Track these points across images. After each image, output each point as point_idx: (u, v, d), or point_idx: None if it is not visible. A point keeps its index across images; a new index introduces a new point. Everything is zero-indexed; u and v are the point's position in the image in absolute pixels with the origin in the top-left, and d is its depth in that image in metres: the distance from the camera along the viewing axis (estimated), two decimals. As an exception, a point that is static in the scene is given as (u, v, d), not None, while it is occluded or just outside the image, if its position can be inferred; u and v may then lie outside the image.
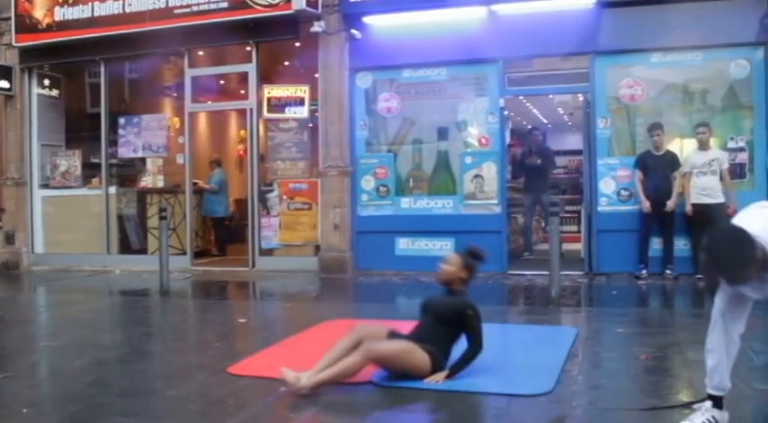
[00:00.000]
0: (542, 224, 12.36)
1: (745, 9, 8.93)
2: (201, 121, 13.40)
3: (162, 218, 9.11)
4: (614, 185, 9.37)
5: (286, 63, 11.80)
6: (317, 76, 10.52)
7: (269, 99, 10.74)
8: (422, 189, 10.33)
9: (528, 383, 4.46)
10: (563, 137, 17.75)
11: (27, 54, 11.98)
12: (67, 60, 12.04)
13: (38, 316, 8.33)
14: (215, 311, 8.07)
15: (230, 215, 13.21)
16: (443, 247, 9.91)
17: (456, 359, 4.58)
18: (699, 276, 8.62)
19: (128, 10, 10.94)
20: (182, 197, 11.62)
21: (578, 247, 10.71)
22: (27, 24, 11.65)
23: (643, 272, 8.97)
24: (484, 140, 10.02)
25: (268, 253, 10.91)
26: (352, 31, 10.19)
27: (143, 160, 11.87)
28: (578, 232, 11.08)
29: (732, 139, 9.12)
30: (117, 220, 11.89)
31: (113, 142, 11.94)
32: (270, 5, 10.08)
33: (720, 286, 3.40)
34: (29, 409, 4.27)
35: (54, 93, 12.65)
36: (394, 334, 4.68)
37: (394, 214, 10.24)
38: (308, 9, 9.86)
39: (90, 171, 12.30)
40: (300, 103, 10.69)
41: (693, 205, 8.78)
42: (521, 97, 11.74)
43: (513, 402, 4.13)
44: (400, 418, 4.03)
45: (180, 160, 11.51)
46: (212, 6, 10.41)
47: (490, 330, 5.63)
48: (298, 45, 10.85)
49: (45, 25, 11.53)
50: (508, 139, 11.30)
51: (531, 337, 6.05)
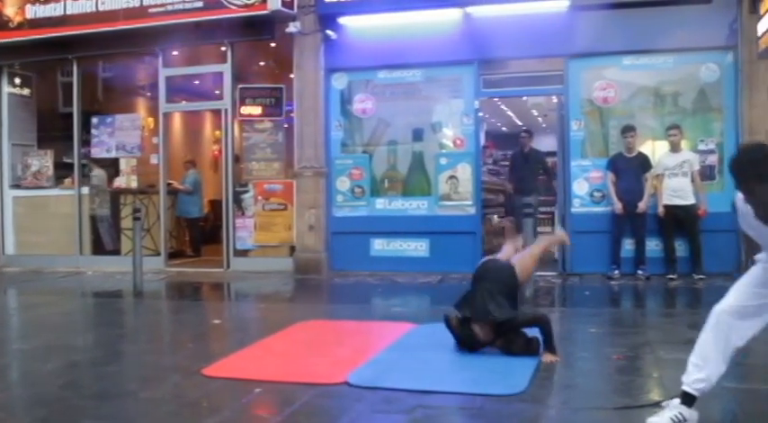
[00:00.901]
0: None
1: (716, 14, 9.08)
2: (176, 121, 13.33)
3: (136, 218, 9.04)
4: (587, 187, 9.47)
5: (261, 63, 11.77)
6: (292, 76, 10.51)
7: (244, 99, 10.70)
8: (397, 190, 10.36)
9: (502, 383, 4.49)
10: (537, 139, 17.83)
11: (-3, 52, 11.83)
12: (39, 59, 11.89)
13: (9, 318, 8.21)
14: (189, 313, 8.02)
15: (205, 216, 13.15)
16: (418, 248, 10.00)
17: (543, 341, 5.11)
18: (670, 277, 8.75)
19: (101, 8, 10.85)
20: (156, 198, 11.54)
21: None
22: (-2, 22, 11.52)
23: (615, 272, 9.06)
24: (459, 142, 10.07)
25: (243, 254, 10.86)
26: (328, 32, 10.20)
27: (116, 161, 11.77)
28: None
29: (702, 141, 9.25)
30: (90, 221, 11.76)
31: (86, 142, 11.82)
32: (245, 6, 10.05)
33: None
34: (-1, 413, 4.22)
35: (25, 91, 12.52)
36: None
37: (369, 215, 10.26)
38: (284, 9, 9.85)
39: (62, 171, 12.16)
40: (275, 103, 10.67)
41: (665, 207, 8.90)
42: (495, 99, 11.83)
43: (487, 402, 4.16)
44: (375, 419, 4.03)
45: (154, 160, 11.44)
46: (187, 6, 10.36)
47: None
48: (273, 45, 10.84)
49: (16, 23, 11.40)
50: (483, 141, 11.35)
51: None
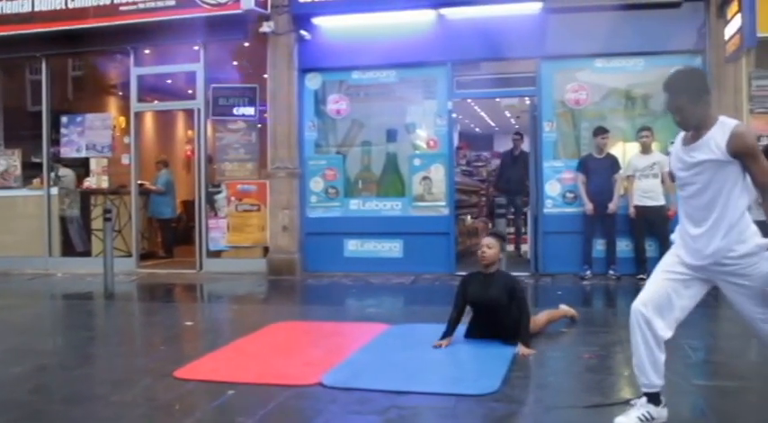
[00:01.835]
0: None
1: (685, 18, 9.19)
2: (148, 120, 13.20)
3: (106, 219, 8.95)
4: (559, 188, 9.55)
5: (235, 63, 11.71)
6: (265, 76, 10.47)
7: (217, 99, 10.65)
8: (371, 191, 10.37)
9: (475, 383, 4.52)
10: (510, 140, 17.96)
11: (-37, 49, 11.63)
12: (6, 56, 11.66)
13: (-24, 321, 8.10)
14: (161, 314, 7.95)
15: (177, 217, 13.05)
16: (392, 249, 10.01)
17: (520, 332, 5.35)
18: (640, 277, 8.84)
19: (70, 5, 10.70)
20: (127, 198, 11.42)
21: (525, 248, 10.89)
22: (-37, 18, 11.31)
23: (587, 272, 9.14)
24: (432, 143, 10.10)
25: (216, 255, 10.80)
26: (302, 32, 10.17)
27: (86, 161, 11.64)
28: (525, 234, 11.24)
29: (672, 143, 9.31)
30: (59, 222, 11.62)
31: (56, 141, 11.67)
32: (218, 5, 9.99)
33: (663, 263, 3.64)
34: (-34, 417, 4.16)
35: (-8, 89, 12.32)
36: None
37: (343, 216, 10.25)
38: (257, 9, 9.81)
39: (31, 171, 11.99)
40: (249, 103, 10.63)
41: (635, 207, 9.01)
42: (469, 100, 11.88)
43: (460, 402, 4.18)
44: (349, 420, 4.04)
45: (125, 160, 11.32)
46: (159, 4, 10.27)
47: (437, 331, 5.71)
48: (246, 45, 10.78)
49: (-18, 19, 11.21)
50: (456, 142, 11.40)
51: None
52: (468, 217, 11.72)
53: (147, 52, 11.43)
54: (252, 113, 10.64)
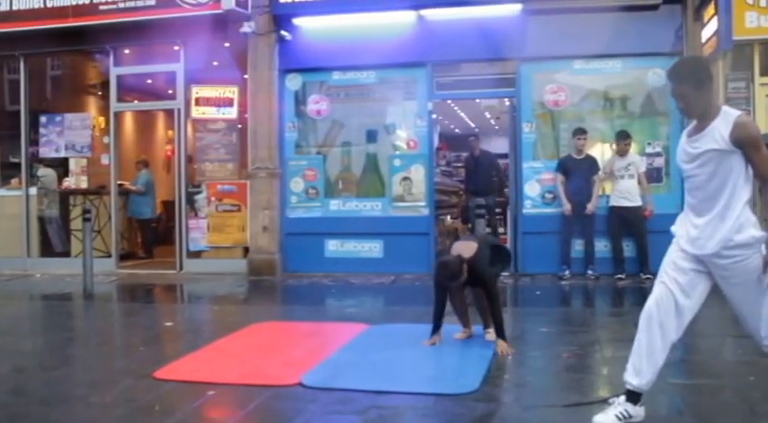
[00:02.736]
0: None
1: (662, 21, 9.30)
2: (128, 120, 13.13)
3: (86, 219, 8.90)
4: (539, 188, 9.61)
5: (215, 63, 11.68)
6: (246, 76, 10.45)
7: (197, 99, 10.62)
8: (351, 191, 10.38)
9: (454, 383, 4.55)
10: (490, 140, 18.08)
11: (-60, 48, 11.50)
12: (-17, 55, 11.61)
13: (-47, 322, 8.03)
14: (141, 315, 7.91)
15: (157, 217, 12.98)
16: (372, 249, 10.03)
17: (494, 323, 5.41)
18: (618, 276, 8.92)
19: (49, 4, 10.61)
20: (107, 198, 11.35)
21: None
22: (-61, 16, 11.18)
23: (566, 272, 9.21)
24: (412, 143, 10.13)
25: (196, 255, 10.77)
26: (282, 33, 10.17)
27: (65, 160, 11.55)
28: (504, 234, 11.30)
29: (650, 144, 9.48)
30: (38, 222, 11.53)
31: (34, 141, 11.58)
32: (198, 5, 9.96)
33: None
34: (-57, 420, 4.13)
35: (-31, 89, 12.21)
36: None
37: (323, 216, 10.26)
38: (238, 9, 9.78)
39: (9, 171, 11.88)
40: (229, 103, 10.60)
41: (612, 208, 9.08)
42: (449, 101, 11.92)
43: (439, 402, 4.21)
44: (329, 420, 4.05)
45: (105, 160, 11.25)
46: (139, 4, 10.21)
47: (417, 331, 5.74)
48: (227, 45, 10.75)
49: (-41, 18, 11.10)
50: (436, 143, 11.44)
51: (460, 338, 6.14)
52: (448, 217, 11.76)
53: (126, 52, 11.36)
54: (232, 114, 10.62)
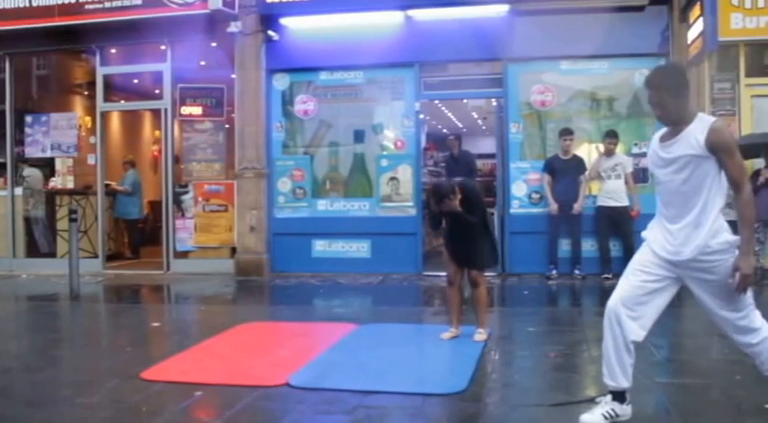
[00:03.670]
0: None
1: (649, 22, 9.35)
2: (114, 120, 13.08)
3: (72, 220, 8.84)
4: (526, 188, 9.64)
5: (202, 63, 11.65)
6: (233, 76, 10.43)
7: (184, 99, 10.58)
8: (338, 191, 10.38)
9: (442, 382, 4.56)
10: (477, 141, 18.12)
11: (-77, 47, 11.39)
12: (-32, 54, 11.51)
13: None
14: (128, 316, 7.89)
15: (144, 217, 12.93)
16: (359, 249, 10.03)
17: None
18: (605, 276, 8.96)
19: (34, 3, 10.54)
20: (93, 199, 11.30)
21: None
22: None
23: (553, 272, 9.24)
24: (400, 143, 10.14)
25: (183, 255, 10.73)
26: (270, 33, 10.15)
27: (51, 160, 11.48)
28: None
29: (636, 144, 9.52)
30: (24, 223, 11.46)
31: (20, 141, 11.51)
32: (185, 4, 9.93)
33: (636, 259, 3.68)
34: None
35: (-47, 88, 12.08)
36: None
37: (310, 216, 10.25)
38: (225, 9, 9.77)
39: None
40: (216, 103, 10.57)
41: (600, 208, 9.13)
42: (436, 101, 11.93)
43: (427, 401, 4.22)
44: (316, 420, 4.05)
45: (91, 161, 11.19)
46: (125, 3, 10.16)
47: (405, 331, 5.75)
48: (214, 45, 10.71)
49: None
50: (424, 143, 11.45)
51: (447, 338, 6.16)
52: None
53: (113, 51, 11.31)
54: (219, 114, 10.60)
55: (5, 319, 7.97)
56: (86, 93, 12.06)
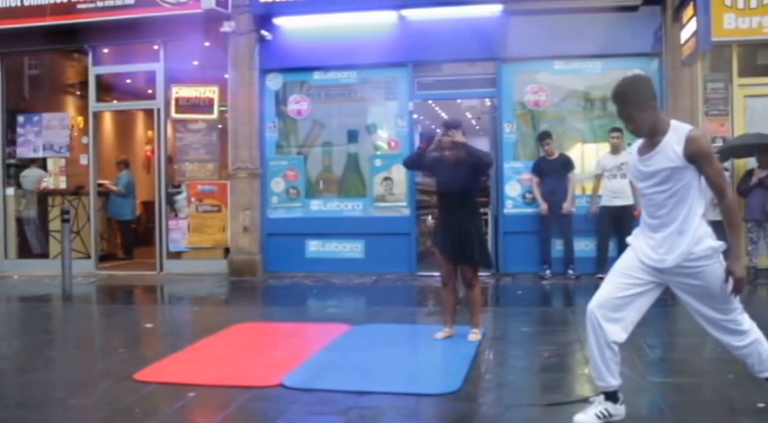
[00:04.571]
0: None
1: (642, 22, 9.37)
2: (107, 120, 13.04)
3: (64, 220, 8.81)
4: (519, 188, 9.65)
5: (195, 63, 11.62)
6: (226, 76, 10.40)
7: (177, 99, 10.56)
8: (332, 191, 10.36)
9: (436, 383, 4.56)
10: (471, 141, 18.00)
11: None
12: (-40, 54, 11.45)
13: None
14: (120, 317, 7.86)
15: (137, 218, 12.89)
16: (353, 250, 10.02)
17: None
18: (599, 276, 8.95)
19: (26, 3, 10.51)
20: (86, 199, 11.26)
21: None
22: None
23: (547, 272, 9.24)
24: (393, 143, 10.14)
25: (176, 256, 10.70)
26: (263, 33, 10.13)
27: (43, 161, 11.43)
28: (486, 234, 11.32)
29: (630, 144, 9.47)
30: (15, 223, 11.41)
31: (11, 141, 11.47)
32: (178, 4, 9.91)
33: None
34: None
35: (-56, 88, 12.03)
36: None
37: (304, 217, 10.23)
38: (218, 9, 9.75)
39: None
40: (209, 103, 10.55)
41: (604, 208, 9.07)
42: (430, 101, 11.92)
43: (421, 402, 4.22)
44: (310, 420, 4.04)
45: (84, 161, 11.15)
46: (118, 3, 10.14)
47: (399, 331, 5.74)
48: (207, 45, 10.69)
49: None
50: (417, 143, 11.45)
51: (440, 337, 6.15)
52: (429, 217, 11.75)
53: (105, 51, 11.26)
54: (212, 114, 10.57)
55: (-3, 320, 7.94)
56: (79, 93, 12.02)
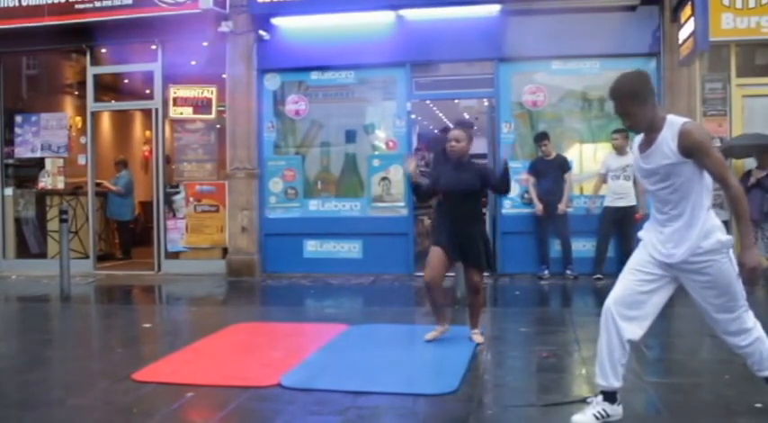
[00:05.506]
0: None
1: (640, 22, 9.37)
2: (105, 120, 13.03)
3: (63, 220, 8.81)
4: (517, 189, 9.62)
5: (193, 63, 11.62)
6: (224, 76, 10.40)
7: (175, 99, 10.55)
8: (330, 191, 10.37)
9: (434, 383, 4.56)
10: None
11: None
12: (-43, 53, 11.44)
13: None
14: (119, 317, 7.87)
15: (135, 218, 12.89)
16: (351, 250, 10.02)
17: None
18: (597, 276, 8.97)
19: (24, 3, 10.48)
20: (84, 199, 11.26)
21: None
22: None
23: (545, 272, 9.24)
24: (391, 144, 10.14)
25: (174, 256, 10.70)
26: (261, 32, 10.13)
27: (41, 161, 11.42)
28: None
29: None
30: (14, 223, 11.41)
31: (9, 141, 11.46)
32: (176, 4, 9.90)
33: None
34: None
35: (-58, 87, 12.02)
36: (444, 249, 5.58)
37: (302, 217, 10.23)
38: (216, 9, 9.76)
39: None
40: (207, 103, 10.55)
41: (606, 208, 9.05)
42: (427, 101, 11.92)
43: (418, 402, 4.22)
44: (308, 421, 4.04)
45: (82, 161, 11.15)
46: (116, 3, 10.12)
47: (397, 331, 5.74)
48: (205, 45, 10.68)
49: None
50: (415, 143, 11.45)
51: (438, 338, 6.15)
52: (427, 217, 11.77)
53: (103, 51, 11.27)
54: (210, 114, 10.57)
55: (-5, 320, 7.93)
56: (77, 93, 12.01)
